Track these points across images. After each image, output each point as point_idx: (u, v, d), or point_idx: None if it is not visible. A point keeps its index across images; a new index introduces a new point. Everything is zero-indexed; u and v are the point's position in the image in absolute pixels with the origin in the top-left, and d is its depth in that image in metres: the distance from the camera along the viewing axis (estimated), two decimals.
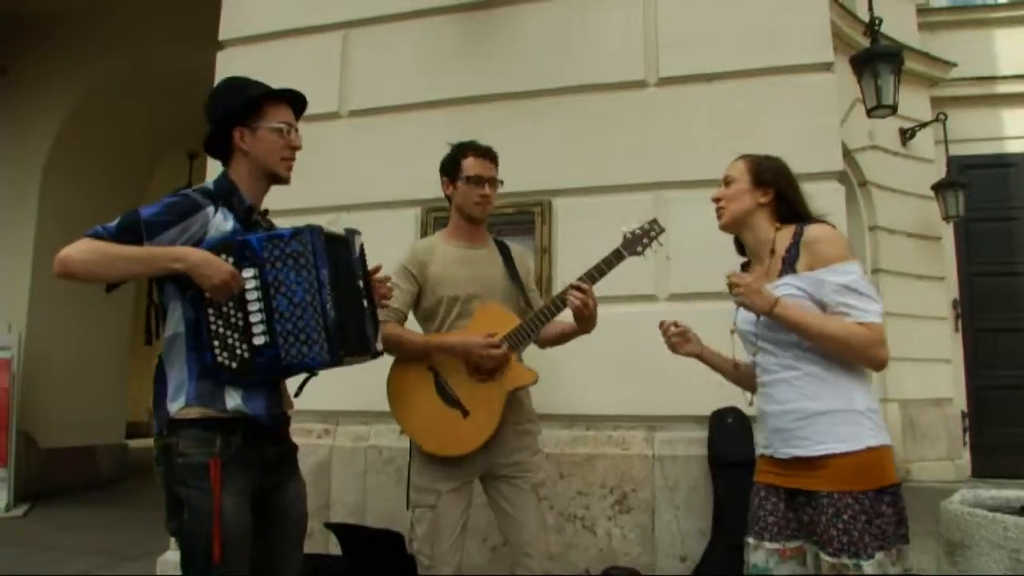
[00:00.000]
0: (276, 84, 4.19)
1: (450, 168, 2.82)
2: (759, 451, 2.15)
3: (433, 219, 3.84)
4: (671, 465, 3.35)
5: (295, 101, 2.21)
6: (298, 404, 3.74)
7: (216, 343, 1.89)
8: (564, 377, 3.46)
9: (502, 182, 2.87)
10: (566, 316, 2.67)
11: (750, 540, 2.06)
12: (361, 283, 2.16)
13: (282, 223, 3.89)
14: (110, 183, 7.24)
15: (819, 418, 1.94)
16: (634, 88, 3.68)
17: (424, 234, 3.80)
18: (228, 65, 4.38)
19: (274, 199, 4.03)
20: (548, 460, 3.39)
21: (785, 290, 1.97)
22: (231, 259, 1.90)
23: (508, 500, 2.68)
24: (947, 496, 2.41)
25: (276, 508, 2.05)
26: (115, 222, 1.85)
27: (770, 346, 2.05)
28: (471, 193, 2.76)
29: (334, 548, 3.53)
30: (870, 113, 5.61)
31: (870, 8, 5.76)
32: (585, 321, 2.62)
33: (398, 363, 2.72)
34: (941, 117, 7.82)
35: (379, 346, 2.23)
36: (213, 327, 1.90)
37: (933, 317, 7.45)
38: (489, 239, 2.90)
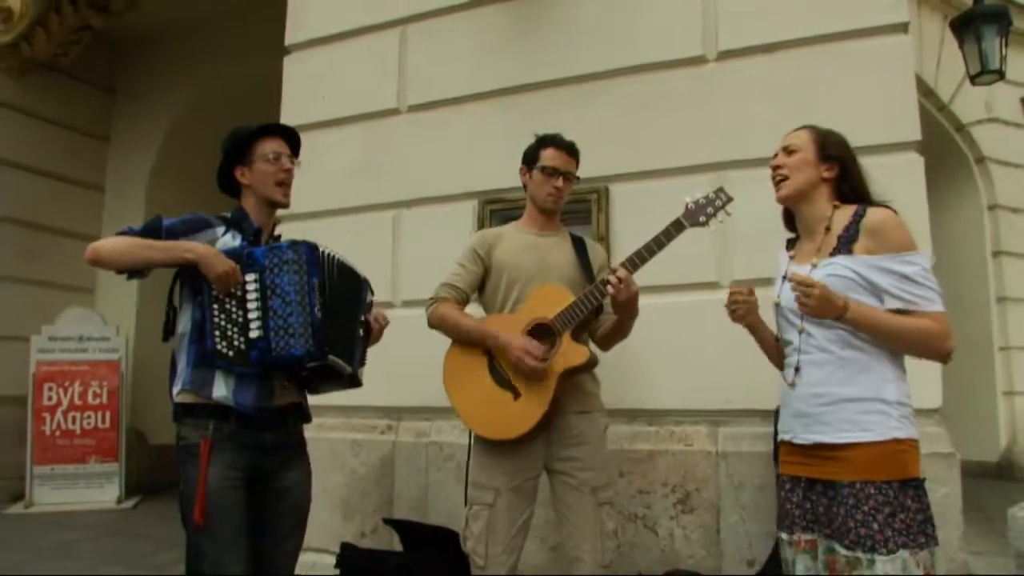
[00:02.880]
0: (339, 85, 4.32)
1: (530, 157, 2.79)
2: (780, 437, 2.06)
3: (489, 212, 3.78)
4: (736, 462, 3.15)
5: (288, 134, 2.47)
6: (362, 400, 3.82)
7: (217, 333, 2.14)
8: (624, 369, 3.32)
9: (579, 179, 2.81)
10: None
11: (783, 535, 1.99)
12: (362, 318, 2.47)
13: (348, 220, 4.10)
14: (210, 190, 7.53)
15: (846, 405, 1.86)
16: (692, 64, 3.48)
17: (481, 226, 3.75)
18: (294, 69, 4.49)
19: (337, 197, 4.14)
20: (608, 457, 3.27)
21: (834, 269, 1.90)
22: (238, 267, 2.16)
23: (564, 502, 2.58)
24: None
25: (273, 490, 2.27)
26: (140, 226, 2.19)
27: (809, 325, 1.95)
28: (545, 184, 2.72)
29: (398, 545, 3.53)
30: (974, 80, 5.13)
31: None
32: (621, 307, 2.50)
33: (454, 345, 2.69)
34: None
35: (360, 375, 2.45)
36: (216, 319, 2.14)
37: None
38: (562, 230, 2.84)
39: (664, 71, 3.53)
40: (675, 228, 2.45)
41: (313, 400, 2.53)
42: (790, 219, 2.21)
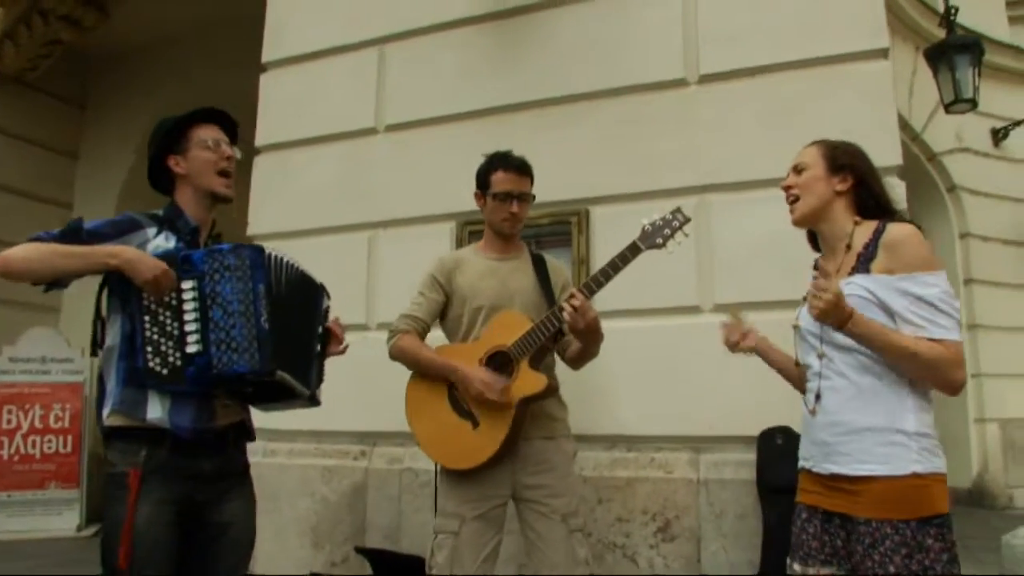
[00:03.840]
0: (316, 104, 4.24)
1: (481, 181, 2.72)
2: (800, 464, 1.96)
3: (468, 233, 3.72)
4: (718, 490, 3.09)
5: (224, 122, 2.24)
6: (335, 425, 3.73)
7: (149, 348, 1.91)
8: (603, 394, 3.27)
9: (534, 197, 2.74)
10: None
11: (796, 566, 1.88)
12: (320, 329, 2.26)
13: (322, 240, 4.02)
14: None
15: (863, 435, 1.76)
16: (674, 87, 3.46)
17: (459, 248, 3.68)
18: (270, 87, 4.42)
19: (312, 217, 4.05)
20: (586, 484, 3.21)
21: (852, 289, 1.79)
22: (172, 271, 1.93)
23: (534, 529, 2.49)
24: None
25: (212, 523, 2.03)
26: (58, 230, 1.94)
27: (829, 349, 1.86)
28: (500, 210, 2.66)
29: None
30: (948, 109, 5.20)
31: None
32: (580, 334, 2.45)
33: (415, 374, 2.63)
34: None
35: (318, 394, 2.25)
36: (148, 334, 1.92)
37: None
38: (523, 251, 2.78)
39: (646, 93, 3.50)
40: (631, 251, 2.39)
41: (285, 424, 2.42)
42: (814, 238, 2.10)
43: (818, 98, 3.20)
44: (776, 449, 2.98)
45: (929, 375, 1.75)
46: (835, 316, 1.70)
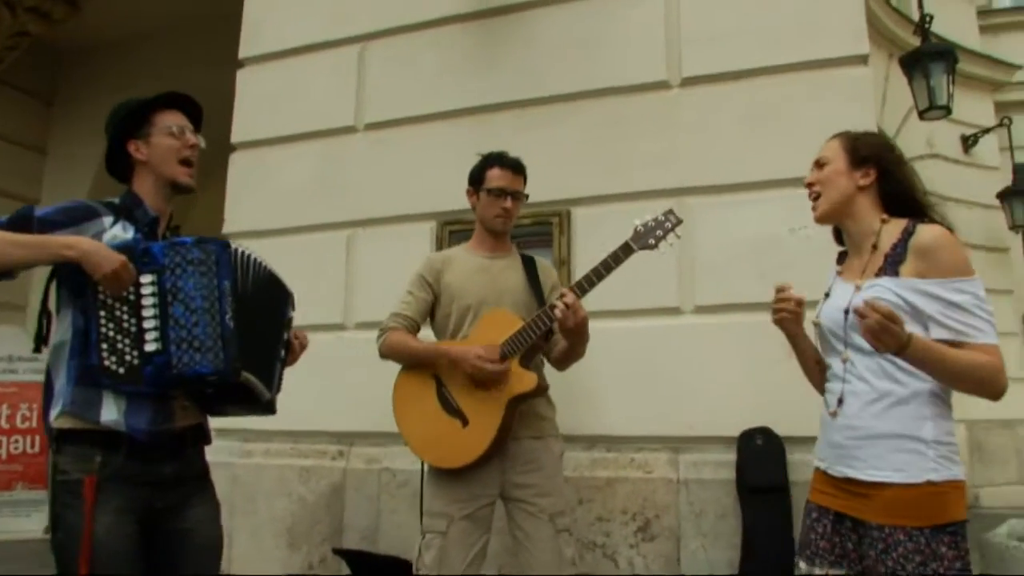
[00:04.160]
0: (295, 101, 4.20)
1: (475, 178, 2.72)
2: (815, 463, 1.91)
3: (448, 233, 3.70)
4: (697, 490, 3.11)
5: (188, 109, 2.12)
6: (312, 425, 3.69)
7: (105, 346, 1.79)
8: (583, 395, 3.26)
9: (527, 197, 2.75)
10: None
11: (802, 564, 1.85)
12: (285, 336, 2.14)
13: (300, 239, 3.98)
14: None
15: (878, 441, 1.71)
16: (656, 89, 3.48)
17: (439, 248, 3.66)
18: (248, 83, 4.37)
19: (289, 215, 4.01)
20: (567, 484, 3.19)
21: (878, 292, 1.72)
22: (131, 264, 1.81)
23: (522, 529, 2.49)
24: None
25: (176, 531, 1.94)
26: (7, 217, 1.82)
27: (851, 352, 1.80)
28: (492, 206, 2.66)
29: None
30: (922, 115, 5.28)
31: (920, 6, 5.45)
32: (569, 333, 2.44)
33: (404, 371, 2.62)
34: (1006, 122, 7.43)
35: (275, 401, 2.13)
36: (103, 330, 1.80)
37: (1001, 332, 6.92)
38: (513, 251, 2.78)
39: (628, 95, 3.51)
40: (623, 252, 2.41)
41: (261, 424, 2.36)
42: (839, 233, 2.02)
43: (799, 102, 3.23)
44: (756, 450, 3.01)
45: (978, 386, 1.68)
46: (891, 342, 1.60)
